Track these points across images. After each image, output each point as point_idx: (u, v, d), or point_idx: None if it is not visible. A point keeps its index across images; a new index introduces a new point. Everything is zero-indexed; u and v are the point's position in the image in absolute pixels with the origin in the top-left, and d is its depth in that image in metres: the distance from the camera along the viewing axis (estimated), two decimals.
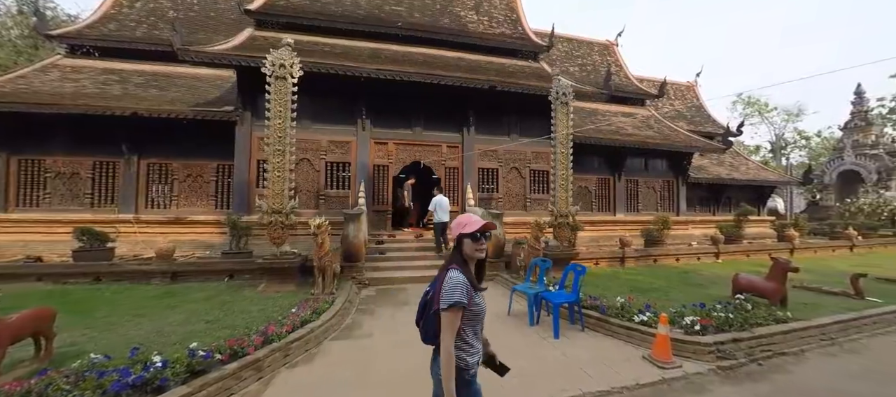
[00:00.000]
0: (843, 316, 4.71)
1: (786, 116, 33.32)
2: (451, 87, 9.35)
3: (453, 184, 10.36)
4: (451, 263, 1.65)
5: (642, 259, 8.84)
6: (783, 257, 5.09)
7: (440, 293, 1.54)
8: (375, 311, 5.54)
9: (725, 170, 15.33)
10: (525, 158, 10.86)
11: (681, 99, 19.32)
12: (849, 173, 25.08)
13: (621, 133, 12.47)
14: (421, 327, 1.72)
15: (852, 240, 11.81)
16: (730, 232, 10.73)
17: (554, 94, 7.71)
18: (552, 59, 15.78)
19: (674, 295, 5.83)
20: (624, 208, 12.44)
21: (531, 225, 7.10)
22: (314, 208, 9.36)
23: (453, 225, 1.73)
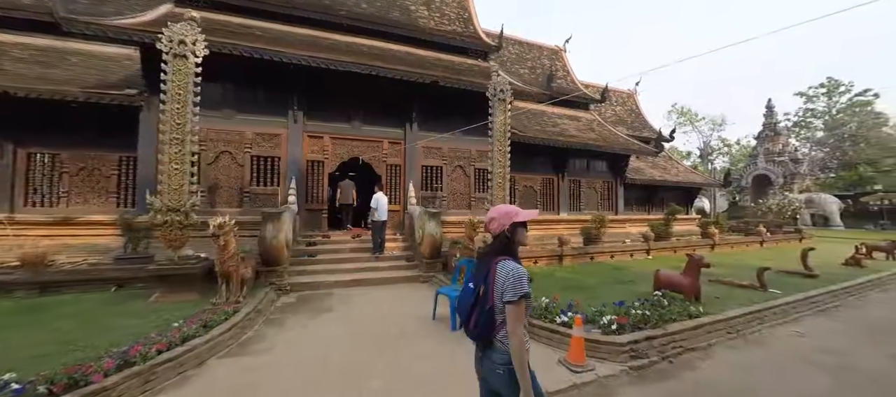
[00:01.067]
0: (748, 308, 4.91)
1: (712, 126, 36.67)
2: (395, 80, 8.88)
3: (395, 182, 9.88)
4: (502, 254, 1.64)
5: (580, 257, 8.96)
6: (698, 253, 5.23)
7: (499, 285, 1.55)
8: (287, 321, 4.93)
9: (659, 172, 16.31)
10: (470, 157, 10.66)
11: (622, 105, 20.36)
12: (761, 177, 28.07)
13: (565, 134, 12.74)
14: (472, 324, 1.64)
15: (762, 236, 12.99)
16: (660, 230, 11.31)
17: (492, 90, 7.51)
18: (503, 61, 15.85)
19: (602, 293, 5.82)
20: (567, 207, 12.70)
21: (465, 224, 6.81)
22: (237, 206, 8.44)
23: (497, 215, 1.71)
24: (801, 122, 40.93)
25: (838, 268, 8.35)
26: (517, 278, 1.53)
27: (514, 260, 1.63)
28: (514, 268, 1.56)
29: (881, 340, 4.28)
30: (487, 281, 1.61)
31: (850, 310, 5.55)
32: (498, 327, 1.60)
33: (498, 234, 1.70)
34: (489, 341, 1.63)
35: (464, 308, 1.71)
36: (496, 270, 1.59)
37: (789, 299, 5.43)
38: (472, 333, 1.67)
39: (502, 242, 1.68)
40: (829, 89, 39.49)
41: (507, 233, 1.68)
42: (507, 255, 1.64)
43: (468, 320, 1.67)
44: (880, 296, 6.49)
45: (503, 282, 1.54)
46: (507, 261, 1.60)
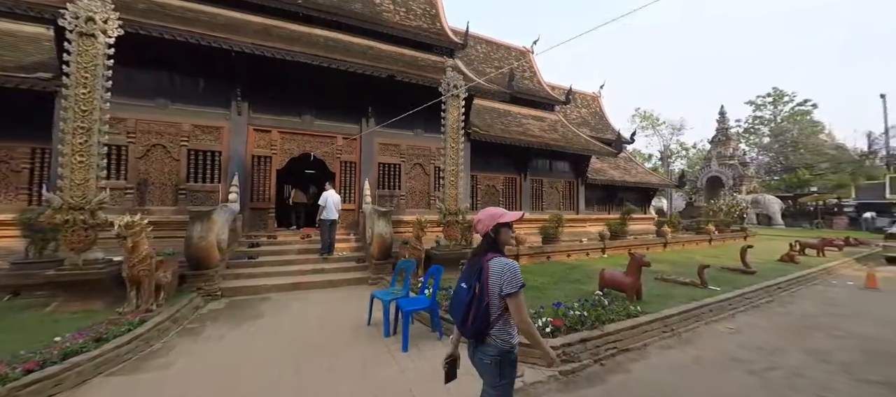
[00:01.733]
0: (685, 306, 4.94)
1: (672, 130, 38.45)
2: (350, 74, 8.46)
3: (350, 179, 9.45)
4: (489, 252, 1.74)
5: (536, 256, 8.91)
6: (638, 253, 5.23)
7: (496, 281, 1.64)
8: (205, 331, 4.45)
9: (619, 173, 16.75)
10: (430, 154, 10.39)
11: (586, 107, 20.82)
12: (714, 178, 29.66)
13: (528, 134, 12.74)
14: (469, 322, 1.70)
15: (711, 234, 13.58)
16: (616, 229, 11.52)
17: (445, 86, 7.28)
18: (470, 60, 15.70)
19: (550, 292, 5.72)
20: (529, 207, 12.72)
21: (412, 223, 6.53)
22: (172, 204, 7.73)
23: (484, 217, 1.79)
24: (751, 129, 43.79)
25: (774, 264, 8.78)
26: (513, 272, 1.65)
27: (505, 256, 1.73)
28: (507, 263, 1.67)
29: (803, 335, 4.40)
30: (481, 278, 1.69)
31: (779, 306, 5.75)
32: (493, 322, 1.67)
33: (484, 235, 1.78)
34: (483, 336, 1.69)
35: (458, 306, 1.76)
36: (489, 267, 1.68)
37: (726, 296, 5.55)
38: (468, 331, 1.72)
39: (489, 242, 1.78)
40: (775, 99, 42.48)
41: (491, 233, 1.77)
42: (496, 252, 1.74)
43: (465, 318, 1.72)
44: (807, 291, 6.81)
45: (500, 277, 1.64)
46: (498, 258, 1.70)
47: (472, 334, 1.72)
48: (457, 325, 1.80)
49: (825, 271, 8.37)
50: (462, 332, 1.77)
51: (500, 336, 1.67)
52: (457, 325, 1.80)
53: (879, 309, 5.49)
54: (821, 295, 6.41)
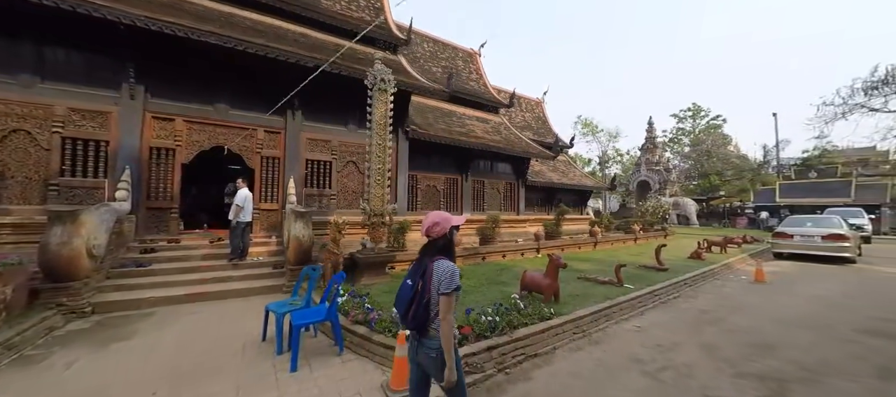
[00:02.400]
0: (599, 306, 5.03)
1: (609, 137, 41.37)
2: (276, 61, 7.69)
3: (274, 177, 8.63)
4: (441, 254, 1.92)
5: (472, 257, 8.80)
6: (556, 254, 5.25)
7: (436, 281, 1.82)
8: (49, 358, 3.62)
9: (558, 175, 17.45)
10: (365, 152, 9.83)
11: (530, 112, 21.49)
12: (643, 182, 32.26)
13: (470, 135, 12.70)
14: (411, 316, 1.86)
15: (636, 233, 14.60)
16: (551, 229, 11.88)
17: (371, 79, 6.86)
18: (416, 57, 15.34)
19: (473, 296, 5.55)
20: (470, 207, 12.69)
21: (330, 225, 6.03)
22: (39, 203, 6.41)
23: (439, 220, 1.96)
24: (675, 139, 48.56)
25: (684, 261, 9.54)
26: (451, 274, 1.81)
27: (450, 259, 1.91)
28: (449, 266, 1.84)
29: (698, 330, 4.66)
30: (425, 277, 1.84)
31: (684, 301, 6.13)
32: (433, 318, 1.83)
33: (439, 237, 1.93)
34: (425, 330, 1.85)
35: (402, 302, 1.90)
36: (433, 268, 1.83)
37: (638, 294, 5.78)
38: (409, 324, 1.88)
39: (444, 244, 1.94)
40: (694, 113, 47.44)
41: (448, 235, 1.94)
42: (444, 255, 1.91)
43: (407, 312, 1.87)
44: (708, 286, 7.41)
45: (440, 278, 1.80)
46: (443, 260, 1.87)
47: (413, 326, 1.86)
48: (400, 319, 1.96)
49: (725, 266, 9.27)
50: (404, 324, 1.93)
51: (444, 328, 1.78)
52: (400, 319, 1.96)
53: (761, 302, 6.07)
54: (718, 290, 7.00)
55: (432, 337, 1.83)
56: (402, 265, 7.87)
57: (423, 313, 1.82)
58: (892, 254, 14.06)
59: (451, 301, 1.79)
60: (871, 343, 4.26)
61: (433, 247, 1.93)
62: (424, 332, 1.85)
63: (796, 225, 11.46)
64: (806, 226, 11.11)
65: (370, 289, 5.51)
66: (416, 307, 1.83)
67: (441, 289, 1.78)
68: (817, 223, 11.11)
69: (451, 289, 1.78)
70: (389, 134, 7.11)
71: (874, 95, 26.19)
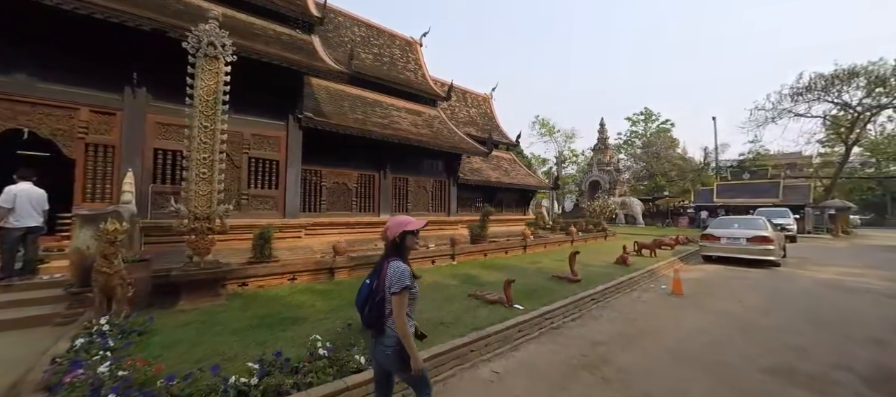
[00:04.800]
0: (459, 341, 3.72)
1: (565, 137, 41.44)
2: (104, 23, 5.78)
3: (105, 169, 6.68)
4: (392, 256, 2.01)
5: (361, 268, 7.29)
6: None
7: (389, 281, 1.91)
8: None
9: (499, 174, 16.35)
10: (243, 141, 8.07)
11: (477, 108, 20.32)
12: (595, 182, 32.24)
13: (391, 127, 11.18)
14: (366, 314, 1.99)
15: (573, 235, 13.73)
16: (476, 232, 10.64)
17: (194, 42, 5.17)
18: (342, 42, 13.61)
19: (312, 327, 4.07)
20: (389, 208, 11.18)
21: (104, 231, 4.29)
22: None
23: (392, 224, 2.06)
24: (628, 141, 49.74)
25: (607, 268, 8.58)
26: (400, 275, 1.90)
27: (403, 261, 1.99)
28: (398, 267, 1.93)
29: (571, 379, 3.42)
30: (379, 277, 1.98)
31: (581, 325, 4.97)
32: (387, 316, 1.93)
33: (392, 240, 2.04)
34: (381, 328, 1.95)
35: (361, 300, 2.03)
36: (387, 268, 1.95)
37: (523, 318, 4.54)
38: (365, 321, 2.02)
39: (394, 246, 2.03)
40: (646, 117, 48.81)
41: (397, 239, 2.03)
42: (396, 257, 1.99)
43: (363, 309, 2.00)
44: (620, 301, 6.35)
45: (390, 278, 1.90)
46: (396, 261, 1.96)
47: (368, 323, 1.99)
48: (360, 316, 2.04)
49: (649, 273, 8.38)
50: (362, 322, 2.03)
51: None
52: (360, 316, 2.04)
53: (668, 326, 5.01)
54: (628, 306, 5.94)
55: (388, 335, 1.92)
56: (270, 280, 6.25)
57: (378, 311, 1.93)
58: (812, 252, 14.14)
59: (401, 299, 1.86)
60: (777, 392, 3.20)
61: (388, 249, 2.04)
62: (381, 330, 1.95)
63: (723, 226, 10.95)
64: (733, 228, 10.59)
65: (187, 317, 3.90)
66: (371, 305, 1.95)
67: (392, 288, 1.87)
68: (743, 225, 10.63)
69: (399, 289, 1.85)
70: (223, 114, 5.43)
71: (799, 101, 27.69)
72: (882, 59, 23.86)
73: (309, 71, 8.05)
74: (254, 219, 7.85)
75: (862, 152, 32.60)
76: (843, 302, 6.32)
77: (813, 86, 25.80)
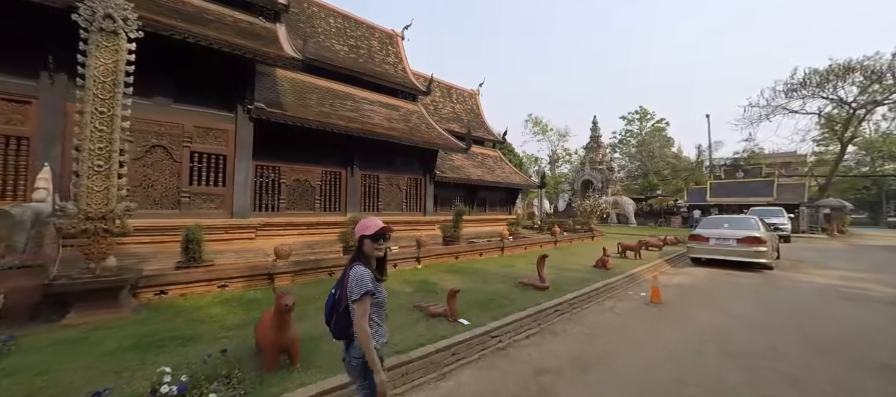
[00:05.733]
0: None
1: (558, 136, 40.66)
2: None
3: (16, 164, 5.89)
4: (354, 261, 1.86)
5: (307, 273, 6.50)
6: (283, 291, 3.12)
7: (349, 288, 1.77)
8: None
9: (482, 171, 15.57)
10: (184, 134, 7.28)
11: (462, 104, 19.54)
12: (587, 181, 31.47)
13: (359, 121, 10.39)
14: (332, 325, 1.90)
15: (556, 236, 12.95)
16: (448, 232, 9.86)
17: (86, 14, 4.35)
18: (314, 33, 12.82)
19: (203, 348, 3.31)
20: (358, 207, 10.39)
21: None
22: None
23: (358, 227, 1.90)
24: (623, 140, 48.97)
25: (585, 272, 7.82)
26: (359, 280, 1.75)
27: (364, 265, 1.81)
28: (358, 271, 1.78)
29: None
30: (343, 284, 1.85)
31: (535, 344, 4.20)
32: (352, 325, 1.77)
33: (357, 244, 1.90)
34: (349, 338, 1.81)
35: (327, 311, 1.94)
36: (349, 274, 1.81)
37: (461, 338, 3.77)
38: (333, 332, 1.91)
39: (355, 251, 1.90)
40: (641, 116, 48.04)
41: (358, 243, 1.88)
42: (359, 262, 1.83)
43: (329, 319, 1.92)
44: (590, 311, 5.59)
45: (350, 285, 1.76)
46: (357, 266, 1.81)
47: (336, 334, 1.88)
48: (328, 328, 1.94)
49: (629, 278, 7.61)
50: (331, 332, 1.92)
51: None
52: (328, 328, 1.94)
53: (636, 347, 4.24)
54: (598, 319, 5.16)
55: (356, 346, 1.78)
56: (195, 288, 5.47)
57: (344, 320, 1.81)
58: (808, 253, 13.41)
59: (362, 306, 1.72)
60: None
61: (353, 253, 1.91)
62: (350, 341, 1.82)
63: (712, 226, 10.18)
64: (722, 228, 9.82)
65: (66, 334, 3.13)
66: (337, 315, 1.85)
67: (351, 296, 1.75)
68: (733, 224, 9.85)
69: (358, 296, 1.72)
70: (122, 97, 4.64)
71: (793, 98, 26.94)
72: (878, 53, 23.13)
73: (256, 56, 7.25)
74: (196, 219, 7.07)
75: (856, 150, 31.90)
76: (843, 313, 5.55)
77: (807, 81, 25.06)
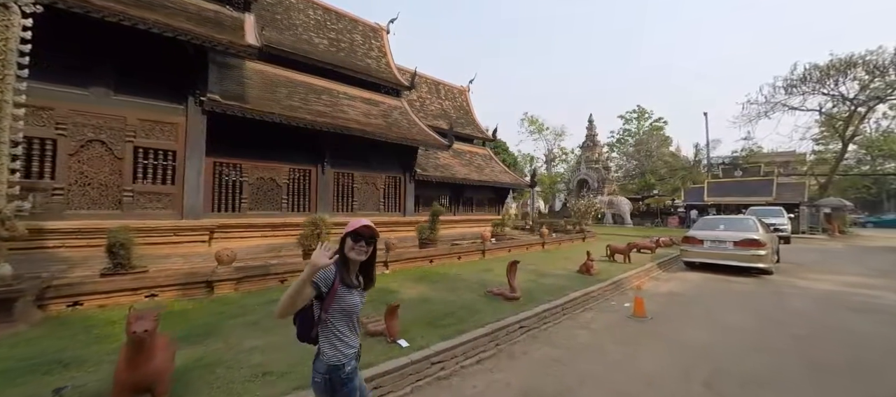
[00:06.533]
0: None
1: (555, 135, 39.93)
2: None
3: None
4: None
5: (253, 281, 5.81)
6: (143, 312, 2.42)
7: None
8: None
9: (468, 170, 14.88)
10: (126, 127, 6.61)
11: (451, 100, 18.85)
12: (583, 180, 30.73)
13: (332, 115, 9.70)
14: (296, 323, 1.69)
15: (544, 237, 12.24)
16: (424, 234, 9.17)
17: None
18: (292, 25, 12.19)
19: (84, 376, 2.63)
20: (330, 207, 9.70)
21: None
22: None
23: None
24: (621, 139, 48.21)
25: (568, 276, 7.13)
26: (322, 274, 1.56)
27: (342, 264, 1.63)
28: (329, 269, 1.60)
29: None
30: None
31: (482, 373, 3.50)
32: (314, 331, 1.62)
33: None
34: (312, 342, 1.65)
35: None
36: None
37: (392, 365, 3.09)
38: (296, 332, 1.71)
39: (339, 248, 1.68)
40: (639, 115, 47.28)
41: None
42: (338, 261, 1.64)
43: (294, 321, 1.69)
44: (564, 325, 4.91)
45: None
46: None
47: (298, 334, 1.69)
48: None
49: (614, 285, 6.91)
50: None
51: (326, 349, 1.59)
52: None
53: (605, 374, 3.54)
54: (568, 337, 4.45)
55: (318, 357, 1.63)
56: (118, 298, 4.81)
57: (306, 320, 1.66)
58: (809, 255, 12.69)
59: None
60: None
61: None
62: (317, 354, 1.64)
63: (708, 228, 9.46)
64: (718, 230, 9.11)
65: None
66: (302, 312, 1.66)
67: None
68: (730, 225, 9.13)
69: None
70: (16, 80, 3.97)
71: (793, 94, 26.16)
72: (881, 47, 22.34)
73: (204, 43, 6.55)
74: (140, 221, 6.40)
75: (857, 149, 31.10)
76: (852, 329, 4.85)
77: (807, 77, 24.27)
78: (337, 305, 1.58)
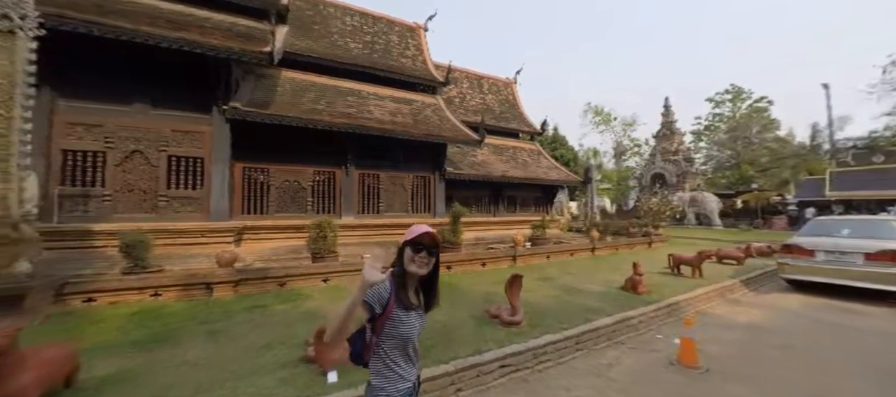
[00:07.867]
0: None
1: (624, 126, 35.50)
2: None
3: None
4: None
5: (252, 283, 5.71)
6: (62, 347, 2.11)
7: None
8: None
9: (510, 167, 13.62)
10: (162, 138, 7.16)
11: (495, 94, 17.68)
12: (659, 175, 26.67)
13: (355, 115, 9.53)
14: (350, 341, 1.46)
15: (593, 242, 10.47)
16: (445, 238, 8.38)
17: None
18: (328, 33, 12.51)
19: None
20: (354, 209, 9.54)
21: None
22: None
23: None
24: (711, 126, 40.98)
25: (607, 293, 5.70)
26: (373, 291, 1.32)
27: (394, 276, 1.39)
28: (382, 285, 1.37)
29: None
30: None
31: None
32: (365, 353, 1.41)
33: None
34: (364, 364, 1.43)
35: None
36: None
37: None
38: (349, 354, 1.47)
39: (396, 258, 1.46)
40: (734, 96, 39.65)
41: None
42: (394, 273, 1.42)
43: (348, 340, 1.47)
44: (567, 373, 3.68)
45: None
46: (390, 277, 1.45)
47: (351, 356, 1.46)
48: None
49: (668, 309, 5.27)
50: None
51: (376, 381, 1.37)
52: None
53: None
54: (571, 387, 3.27)
55: (372, 385, 1.38)
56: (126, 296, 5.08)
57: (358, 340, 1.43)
58: None
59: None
60: None
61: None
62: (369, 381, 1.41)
63: (823, 233, 6.85)
64: (839, 236, 6.52)
65: None
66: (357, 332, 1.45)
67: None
68: (860, 230, 6.47)
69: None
70: (24, 98, 4.26)
71: None
72: None
73: (219, 53, 6.76)
74: (171, 223, 6.90)
75: None
76: None
77: None
78: (391, 330, 1.34)
